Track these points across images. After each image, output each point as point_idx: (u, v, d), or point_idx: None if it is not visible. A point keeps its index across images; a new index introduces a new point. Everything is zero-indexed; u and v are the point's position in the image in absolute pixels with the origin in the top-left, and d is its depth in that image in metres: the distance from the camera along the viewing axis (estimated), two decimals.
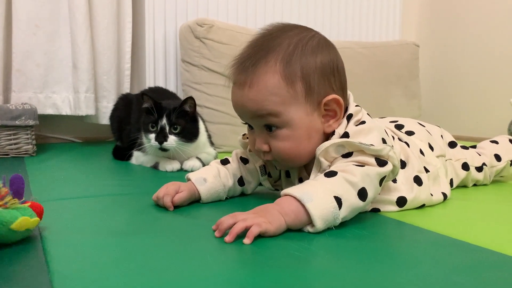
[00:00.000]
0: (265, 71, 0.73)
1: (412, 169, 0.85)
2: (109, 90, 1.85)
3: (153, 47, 1.85)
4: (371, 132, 0.75)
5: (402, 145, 0.89)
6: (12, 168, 1.29)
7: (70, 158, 1.54)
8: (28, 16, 1.69)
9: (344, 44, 2.06)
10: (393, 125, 1.03)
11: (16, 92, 1.72)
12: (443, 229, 0.71)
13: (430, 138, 0.99)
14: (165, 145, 1.22)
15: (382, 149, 0.72)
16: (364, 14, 2.32)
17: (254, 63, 0.74)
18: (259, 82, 0.73)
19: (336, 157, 0.75)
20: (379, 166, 0.72)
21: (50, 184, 1.08)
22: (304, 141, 0.76)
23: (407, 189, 0.82)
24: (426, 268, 0.55)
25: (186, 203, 0.84)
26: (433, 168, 0.90)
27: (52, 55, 1.75)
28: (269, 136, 0.77)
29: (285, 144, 0.76)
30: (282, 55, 0.74)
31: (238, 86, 0.76)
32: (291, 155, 0.77)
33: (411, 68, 2.26)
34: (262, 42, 0.77)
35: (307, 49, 0.75)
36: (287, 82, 0.73)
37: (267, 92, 0.73)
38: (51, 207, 0.84)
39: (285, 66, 0.73)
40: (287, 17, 2.11)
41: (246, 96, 0.75)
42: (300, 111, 0.74)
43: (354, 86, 2.10)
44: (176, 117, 1.22)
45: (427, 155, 0.93)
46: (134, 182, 1.13)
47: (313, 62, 0.75)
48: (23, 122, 1.49)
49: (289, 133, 0.75)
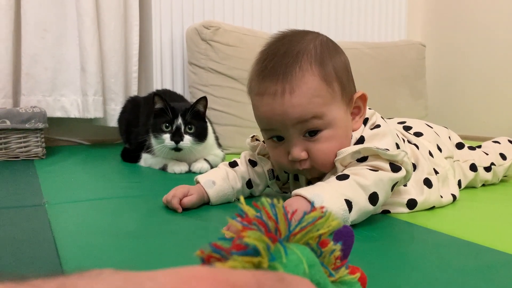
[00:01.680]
0: (302, 76, 0.72)
1: (422, 172, 0.85)
2: (117, 92, 1.86)
3: (160, 50, 1.87)
4: (385, 137, 0.76)
5: (411, 148, 0.89)
6: (22, 171, 1.30)
7: (79, 161, 1.55)
8: (36, 20, 1.71)
9: (350, 45, 2.06)
10: (401, 126, 1.03)
11: (26, 95, 1.73)
12: (452, 230, 0.72)
13: (438, 139, 1.00)
14: (181, 145, 1.23)
15: (397, 154, 0.73)
16: (370, 14, 2.32)
17: (287, 71, 0.73)
18: (300, 87, 0.72)
19: (351, 162, 0.76)
20: (393, 172, 0.73)
21: (60, 186, 1.10)
22: (344, 140, 0.77)
23: (417, 192, 0.82)
24: (435, 269, 0.55)
25: (195, 206, 0.85)
26: (442, 170, 0.91)
27: (60, 59, 1.76)
28: (310, 141, 0.75)
29: (328, 145, 0.75)
30: (314, 58, 0.74)
31: (273, 96, 0.73)
32: (331, 156, 0.76)
33: (417, 68, 2.25)
34: (285, 50, 0.75)
35: (331, 50, 0.77)
36: (326, 82, 0.73)
37: (310, 95, 0.72)
38: (62, 210, 0.85)
39: (320, 67, 0.73)
40: (292, 19, 2.12)
41: (288, 103, 0.72)
42: (340, 110, 0.76)
43: (361, 86, 2.09)
44: (190, 117, 1.23)
45: (436, 156, 0.93)
46: (143, 184, 1.14)
47: (339, 61, 0.77)
48: (33, 125, 1.50)
49: (332, 133, 0.75)
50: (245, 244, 0.28)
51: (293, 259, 0.29)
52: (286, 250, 0.29)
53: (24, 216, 0.79)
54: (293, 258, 0.29)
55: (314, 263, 0.31)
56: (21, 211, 0.82)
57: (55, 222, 0.75)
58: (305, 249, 0.31)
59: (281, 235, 0.31)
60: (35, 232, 0.70)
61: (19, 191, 1.03)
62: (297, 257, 0.29)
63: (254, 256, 0.28)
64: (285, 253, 0.29)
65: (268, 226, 0.30)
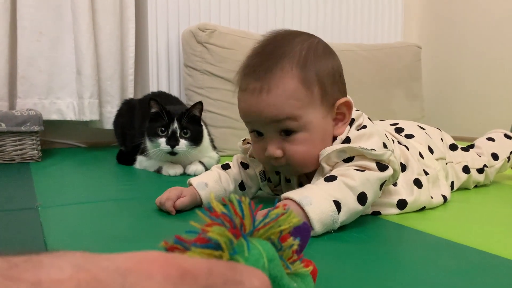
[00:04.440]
0: (281, 76, 0.74)
1: (412, 172, 0.86)
2: (113, 95, 1.86)
3: (156, 52, 1.87)
4: (372, 137, 0.76)
5: (401, 149, 0.90)
6: (17, 174, 1.30)
7: (75, 163, 1.55)
8: (32, 23, 1.71)
9: (346, 47, 2.07)
10: (393, 128, 1.03)
11: (22, 98, 1.74)
12: (443, 232, 0.72)
13: (429, 141, 1.00)
14: (176, 149, 1.23)
15: (383, 153, 0.73)
16: (366, 16, 2.33)
17: (268, 70, 0.74)
18: (277, 87, 0.73)
19: (337, 162, 0.76)
20: (379, 171, 0.73)
21: (54, 189, 1.10)
22: (318, 144, 0.77)
23: (407, 192, 0.83)
24: (424, 271, 0.56)
25: (188, 208, 0.86)
26: (433, 171, 0.91)
27: (56, 62, 1.77)
28: (285, 141, 0.76)
29: (302, 148, 0.76)
30: (297, 60, 0.75)
31: (252, 93, 0.75)
32: (306, 158, 0.77)
33: (413, 70, 2.26)
34: (271, 49, 0.77)
35: (319, 54, 0.77)
36: (304, 85, 0.74)
37: (287, 96, 0.73)
38: (55, 212, 0.85)
39: (302, 70, 0.74)
40: (288, 21, 2.12)
41: (264, 102, 0.74)
42: (316, 114, 0.76)
43: (356, 88, 2.11)
44: (186, 121, 1.24)
45: (426, 158, 0.93)
46: (137, 187, 1.14)
47: (325, 66, 0.76)
48: (28, 128, 1.50)
49: (307, 136, 0.76)
50: (208, 238, 0.30)
51: (254, 253, 0.31)
52: (249, 245, 0.31)
53: (16, 219, 0.79)
54: (255, 252, 0.31)
55: (274, 257, 0.33)
56: (13, 214, 0.82)
57: (47, 225, 0.76)
58: (266, 244, 0.33)
59: (245, 230, 0.33)
60: (26, 235, 0.70)
61: (13, 194, 1.03)
62: (258, 251, 0.31)
63: (215, 250, 0.30)
64: (247, 247, 0.31)
65: (234, 221, 0.32)
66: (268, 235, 0.34)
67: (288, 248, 0.36)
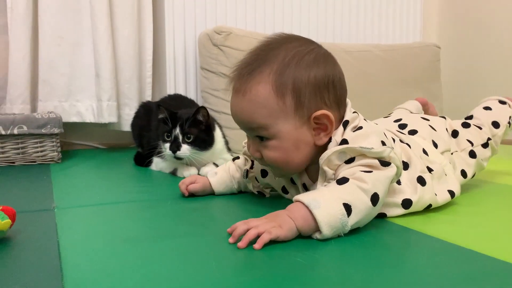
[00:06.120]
0: (258, 81, 0.75)
1: (415, 170, 0.85)
2: (131, 98, 1.90)
3: (174, 55, 1.89)
4: (369, 136, 0.76)
5: (403, 147, 0.89)
6: (38, 175, 1.34)
7: (94, 165, 1.59)
8: (53, 28, 1.76)
9: (363, 47, 2.06)
10: (397, 124, 1.03)
11: (42, 101, 1.78)
12: (449, 236, 0.71)
13: (433, 134, 0.99)
14: (178, 154, 1.25)
15: (382, 151, 0.73)
16: (384, 17, 2.31)
17: (250, 72, 0.76)
18: (251, 92, 0.75)
19: (339, 164, 0.76)
20: (383, 167, 0.73)
21: (71, 191, 1.13)
22: (292, 152, 0.78)
23: (412, 191, 0.82)
24: (429, 276, 0.55)
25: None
26: (438, 167, 0.90)
27: (76, 65, 1.81)
28: (260, 144, 0.80)
29: (274, 154, 0.79)
30: (277, 66, 0.75)
31: (234, 93, 0.79)
32: (280, 164, 0.80)
33: (432, 70, 2.23)
34: (260, 52, 0.79)
35: (303, 62, 0.76)
36: (277, 94, 0.75)
37: (257, 104, 0.75)
38: (71, 214, 0.88)
39: (278, 77, 0.75)
40: (305, 22, 2.12)
41: (240, 105, 0.78)
42: (288, 124, 0.76)
43: (372, 89, 2.08)
44: (189, 126, 1.25)
45: (430, 154, 0.92)
46: (152, 189, 1.16)
47: (306, 76, 0.75)
48: (49, 130, 1.54)
49: (278, 144, 0.78)
50: None
51: None
52: None
53: (32, 220, 0.81)
54: None
55: None
56: (31, 215, 0.85)
57: (62, 226, 0.78)
58: None
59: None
60: (41, 237, 0.72)
61: (31, 195, 1.06)
62: None
63: None
64: None
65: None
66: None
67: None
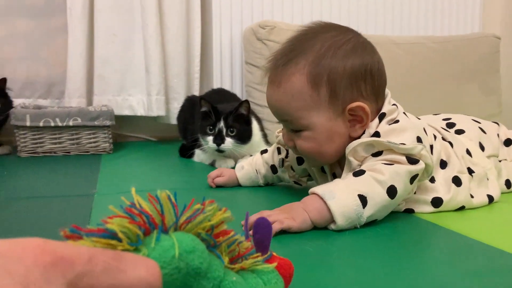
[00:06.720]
0: (293, 72, 0.75)
1: (452, 170, 0.82)
2: (179, 92, 1.96)
3: (220, 50, 1.93)
4: (404, 131, 0.74)
5: (444, 145, 0.86)
6: (89, 164, 1.43)
7: (142, 156, 1.67)
8: (107, 26, 1.86)
9: (414, 39, 1.99)
10: (445, 123, 0.99)
11: (98, 95, 1.89)
12: (480, 234, 0.68)
13: (482, 136, 0.95)
14: (222, 147, 1.28)
15: (412, 147, 0.71)
16: (440, 9, 2.22)
17: (286, 63, 0.76)
18: (286, 83, 0.75)
19: (366, 156, 0.75)
20: (410, 164, 0.71)
21: (115, 179, 1.19)
22: (325, 143, 0.77)
23: (445, 190, 0.80)
24: (452, 275, 0.53)
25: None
26: (480, 170, 0.86)
27: (128, 61, 1.90)
28: (294, 134, 0.80)
29: (307, 145, 0.78)
30: (313, 57, 0.74)
31: (269, 84, 0.79)
32: (313, 154, 0.79)
33: (490, 62, 2.11)
34: (296, 42, 0.78)
35: (339, 53, 0.75)
36: (311, 85, 0.74)
37: (291, 95, 0.75)
38: (108, 200, 0.93)
39: (313, 69, 0.74)
40: (354, 14, 2.08)
41: (275, 96, 0.78)
42: (321, 116, 0.75)
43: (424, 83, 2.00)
44: (232, 120, 1.28)
45: (475, 155, 0.88)
46: (189, 178, 1.20)
47: (341, 66, 0.74)
48: (101, 123, 1.64)
49: (311, 135, 0.77)
50: (105, 229, 0.30)
51: (165, 244, 0.31)
52: (159, 237, 0.31)
53: (71, 204, 0.88)
54: (165, 243, 0.31)
55: (195, 249, 0.32)
56: (71, 200, 0.91)
57: (97, 211, 0.83)
58: (187, 237, 0.32)
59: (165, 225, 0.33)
60: (75, 219, 0.78)
61: (77, 182, 1.14)
62: (171, 243, 0.31)
63: (111, 239, 0.30)
64: (157, 239, 0.31)
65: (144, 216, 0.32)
66: (197, 230, 0.34)
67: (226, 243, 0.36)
